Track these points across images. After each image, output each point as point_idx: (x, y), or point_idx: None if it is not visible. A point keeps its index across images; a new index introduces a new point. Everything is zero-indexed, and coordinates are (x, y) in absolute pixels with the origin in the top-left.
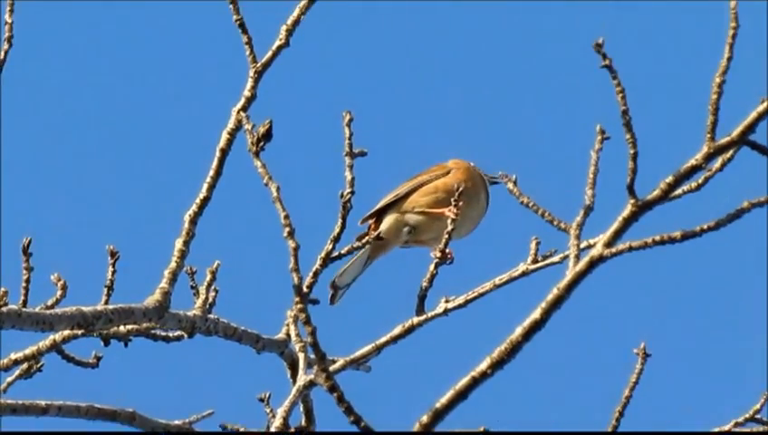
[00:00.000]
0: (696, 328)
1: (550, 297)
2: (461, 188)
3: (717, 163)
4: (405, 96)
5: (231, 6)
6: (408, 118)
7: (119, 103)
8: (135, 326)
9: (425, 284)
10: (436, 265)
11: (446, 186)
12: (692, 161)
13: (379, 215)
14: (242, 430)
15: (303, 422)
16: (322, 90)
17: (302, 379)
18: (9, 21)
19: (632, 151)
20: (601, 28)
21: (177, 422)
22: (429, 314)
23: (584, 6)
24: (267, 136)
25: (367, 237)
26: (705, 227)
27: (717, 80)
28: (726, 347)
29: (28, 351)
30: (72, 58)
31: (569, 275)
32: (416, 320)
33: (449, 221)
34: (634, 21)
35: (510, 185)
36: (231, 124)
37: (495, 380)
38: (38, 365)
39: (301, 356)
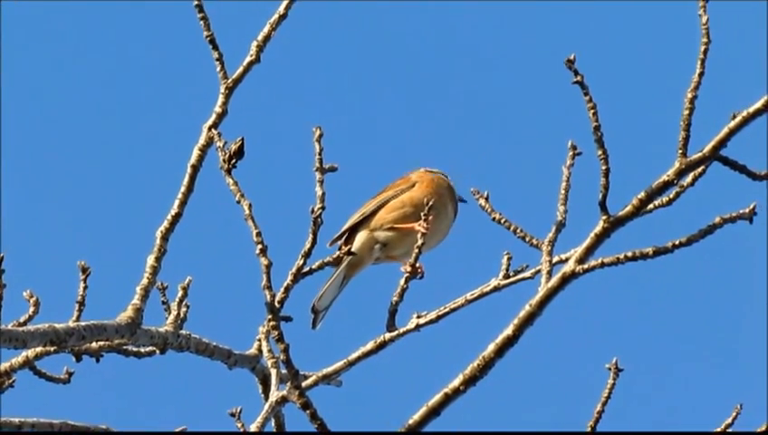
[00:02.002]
0: (669, 344)
1: (522, 313)
2: (431, 203)
3: (689, 178)
4: (376, 110)
5: (201, 23)
6: (380, 132)
7: (88, 118)
8: (107, 342)
9: (395, 299)
10: (407, 280)
11: (413, 200)
12: (664, 177)
13: (349, 234)
14: None
15: None
16: (294, 105)
17: (275, 395)
18: None
19: (604, 168)
20: (573, 42)
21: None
22: (401, 330)
23: (555, 21)
24: (239, 153)
25: (337, 253)
26: (678, 242)
27: (689, 95)
28: (700, 362)
29: (1, 367)
30: (38, 72)
31: (541, 291)
32: (387, 335)
33: (419, 235)
34: (605, 36)
35: (482, 201)
36: (202, 141)
37: (468, 396)
38: (10, 381)
39: (273, 372)
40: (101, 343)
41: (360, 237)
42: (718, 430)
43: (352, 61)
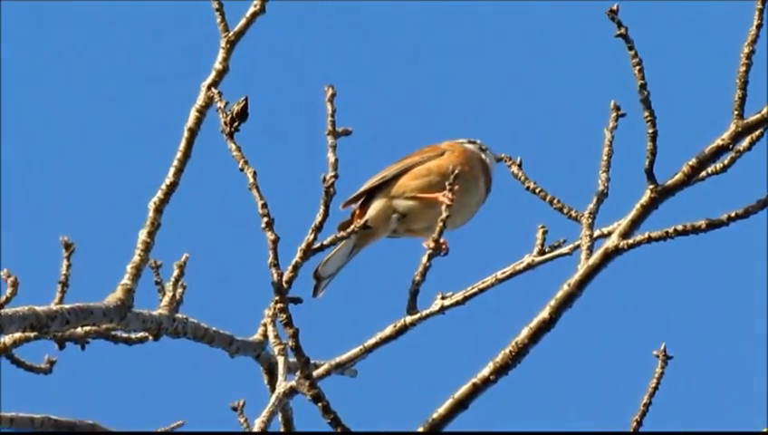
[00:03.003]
0: (722, 327)
1: (560, 294)
2: (456, 171)
3: (745, 142)
4: (395, 69)
5: None
6: (399, 94)
7: (73, 77)
8: (94, 327)
9: (417, 278)
10: (430, 257)
11: (441, 168)
12: (718, 141)
13: (365, 200)
14: None
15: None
16: (303, 62)
17: (282, 386)
18: None
19: (651, 131)
20: None
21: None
22: (423, 313)
23: None
24: (242, 115)
25: (352, 226)
26: (734, 214)
27: (746, 50)
28: (756, 349)
29: None
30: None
31: (581, 269)
32: (408, 319)
33: (444, 208)
34: None
35: (514, 168)
36: (200, 101)
37: (498, 386)
38: None
39: (280, 360)
40: (87, 328)
41: (377, 205)
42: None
43: (371, 11)
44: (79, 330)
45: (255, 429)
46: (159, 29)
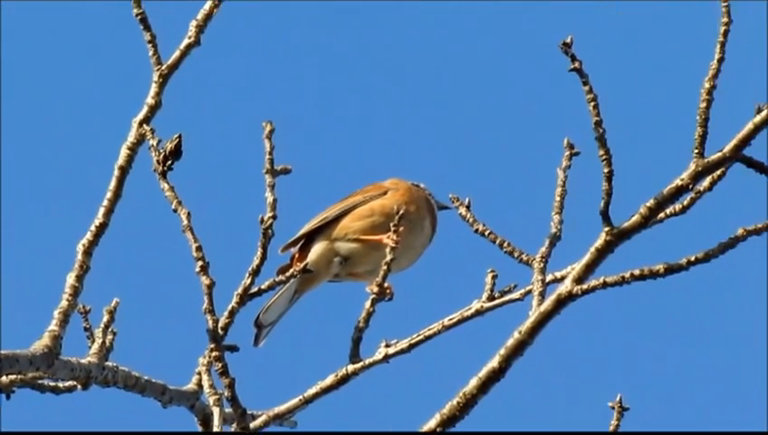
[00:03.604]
0: (684, 375)
1: (510, 342)
2: (401, 212)
3: (706, 182)
4: (337, 105)
5: None
6: (341, 130)
7: None
8: (19, 376)
9: (360, 324)
10: (374, 302)
11: (384, 208)
12: (677, 181)
13: (305, 242)
14: None
15: None
16: (239, 98)
17: None
18: None
19: (606, 170)
20: (569, 26)
21: None
22: (366, 361)
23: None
24: (176, 153)
25: (291, 270)
26: (693, 258)
27: (707, 85)
28: (718, 400)
29: None
30: None
31: (532, 315)
32: (350, 368)
33: (388, 250)
34: (605, 21)
35: (462, 210)
36: (132, 138)
37: None
38: None
39: (215, 411)
40: (13, 376)
41: (318, 248)
42: None
43: (309, 43)
44: (3, 379)
45: None
46: (88, 60)
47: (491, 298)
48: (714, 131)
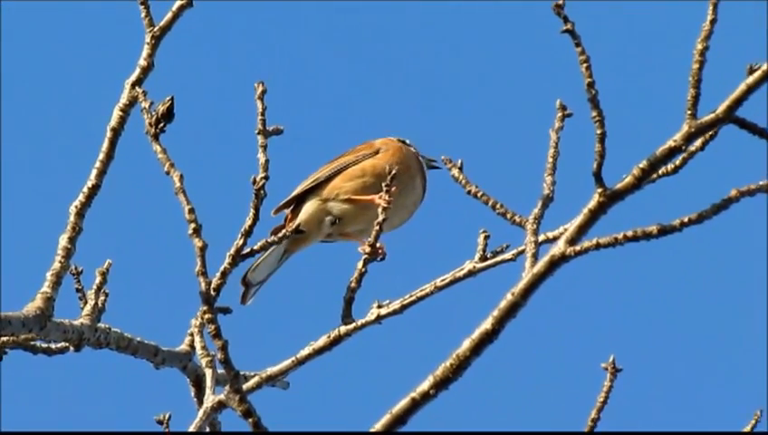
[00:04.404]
0: (675, 336)
1: (503, 304)
2: (393, 172)
3: (698, 143)
4: (329, 64)
5: None
6: (333, 90)
7: None
8: (12, 338)
9: (352, 285)
10: (366, 263)
11: (375, 168)
12: (670, 142)
13: (297, 203)
14: None
15: None
16: (232, 59)
17: (210, 399)
18: None
19: (599, 132)
20: None
21: None
22: (359, 322)
23: None
24: (168, 115)
25: (284, 231)
26: (687, 220)
27: (699, 46)
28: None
29: None
30: None
31: (525, 277)
32: (342, 329)
33: (380, 210)
34: None
35: (454, 171)
36: (124, 100)
37: (439, 400)
38: None
39: (207, 372)
40: (5, 338)
41: (309, 208)
42: None
43: (301, 3)
44: None
45: None
46: (81, 22)
47: (483, 259)
48: (707, 93)
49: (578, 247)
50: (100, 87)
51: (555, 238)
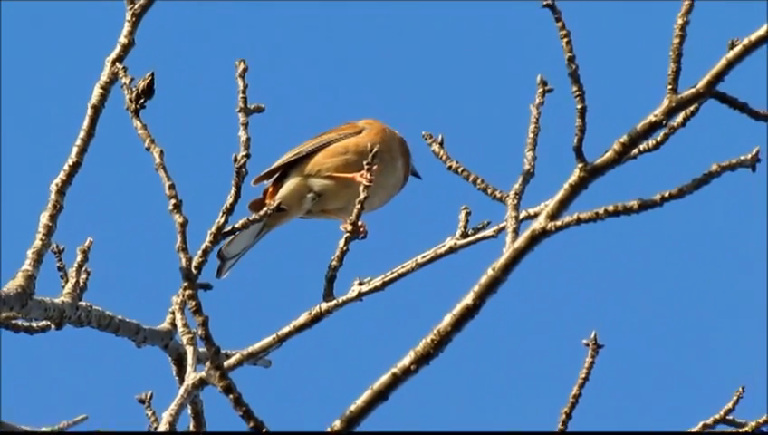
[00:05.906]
0: (657, 313)
1: (484, 279)
2: (375, 150)
3: (679, 118)
4: (311, 42)
5: None
6: (315, 69)
7: None
8: None
9: (334, 263)
10: (347, 241)
11: (358, 146)
12: (650, 117)
13: (278, 178)
14: None
15: (192, 427)
16: (213, 36)
17: (191, 377)
18: None
19: (580, 106)
20: None
21: (44, 429)
22: (340, 299)
23: None
24: (148, 92)
25: (265, 209)
26: (667, 194)
27: (680, 21)
28: (692, 336)
29: None
30: None
31: (506, 252)
32: (324, 306)
33: (361, 188)
34: None
35: (435, 147)
36: (105, 77)
37: (420, 376)
38: None
39: (189, 350)
40: None
41: (291, 183)
42: (707, 422)
43: None
44: None
45: (163, 423)
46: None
47: (464, 235)
48: (688, 69)
49: (558, 222)
50: (81, 65)
51: (536, 214)
